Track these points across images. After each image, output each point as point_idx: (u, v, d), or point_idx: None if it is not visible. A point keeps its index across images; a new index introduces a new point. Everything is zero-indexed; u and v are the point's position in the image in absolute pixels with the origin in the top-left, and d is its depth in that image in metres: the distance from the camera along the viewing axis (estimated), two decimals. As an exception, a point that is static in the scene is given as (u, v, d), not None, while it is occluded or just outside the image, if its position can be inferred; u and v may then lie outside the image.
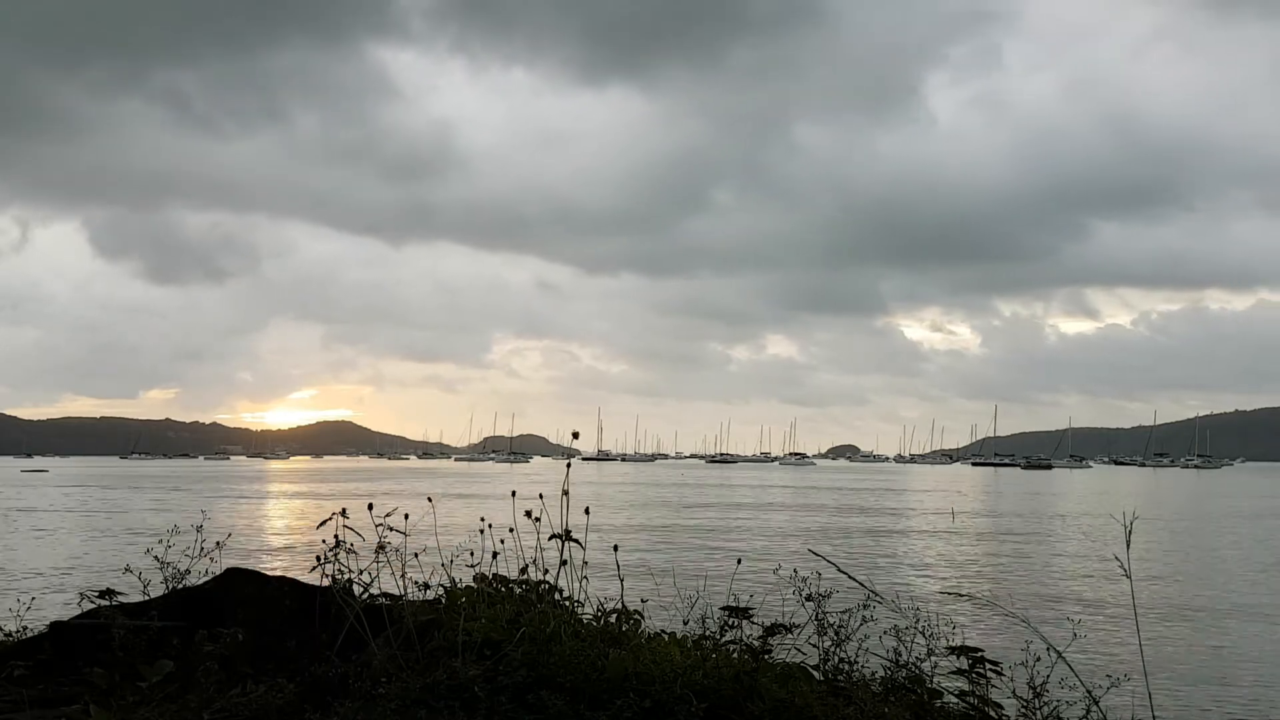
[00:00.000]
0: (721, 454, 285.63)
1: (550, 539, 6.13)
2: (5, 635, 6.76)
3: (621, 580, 6.26)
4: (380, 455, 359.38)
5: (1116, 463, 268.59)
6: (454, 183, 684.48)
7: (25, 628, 6.80)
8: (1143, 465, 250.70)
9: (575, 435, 10.83)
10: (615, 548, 6.43)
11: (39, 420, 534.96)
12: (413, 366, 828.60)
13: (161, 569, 7.09)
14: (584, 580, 6.18)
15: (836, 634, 6.24)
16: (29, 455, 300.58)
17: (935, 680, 6.04)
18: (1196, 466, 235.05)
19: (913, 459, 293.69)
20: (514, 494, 6.21)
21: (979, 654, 6.09)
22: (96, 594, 6.68)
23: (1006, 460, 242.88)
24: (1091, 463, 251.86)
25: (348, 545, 6.00)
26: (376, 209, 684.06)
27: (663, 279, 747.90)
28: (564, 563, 6.12)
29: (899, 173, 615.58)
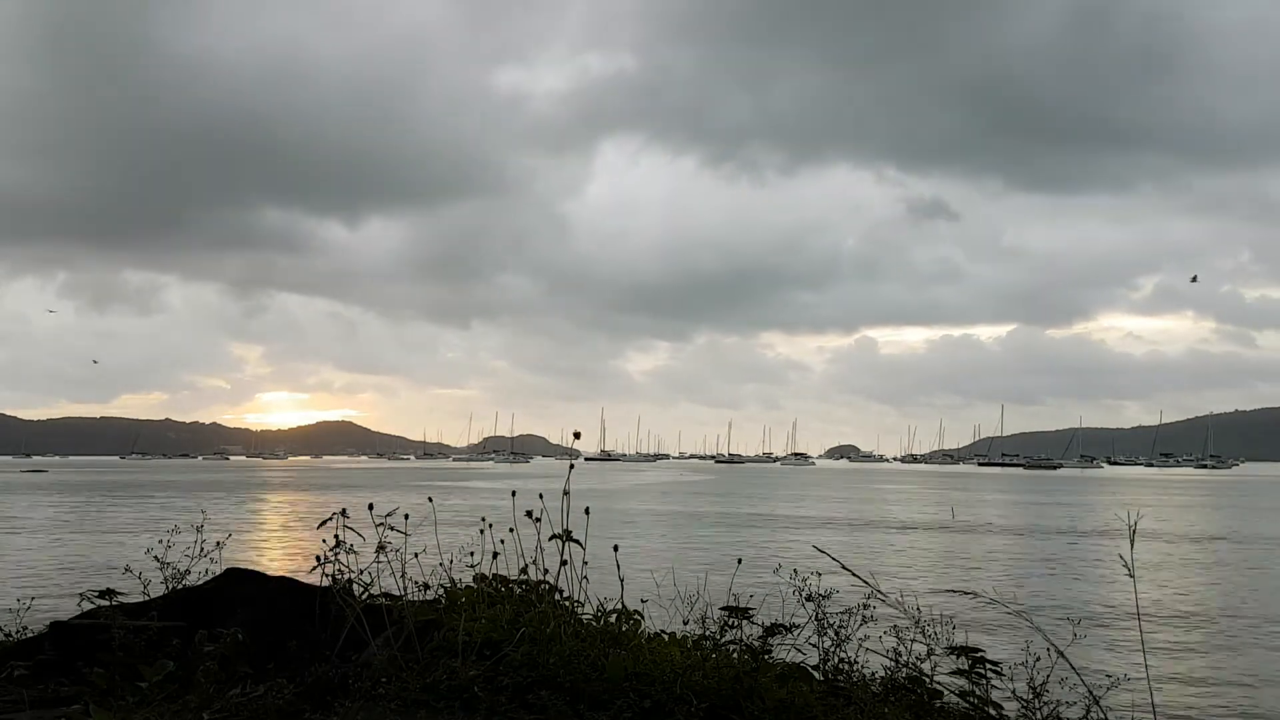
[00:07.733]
0: (730, 454, 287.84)
1: (550, 539, 6.13)
2: (5, 635, 6.76)
3: (622, 580, 6.25)
4: (380, 455, 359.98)
5: (1112, 463, 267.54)
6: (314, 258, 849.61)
7: (25, 628, 6.80)
8: (1149, 465, 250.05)
9: (577, 435, 10.78)
10: (615, 548, 6.43)
11: (39, 420, 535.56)
12: (358, 378, 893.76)
13: (161, 569, 7.09)
14: (584, 580, 6.19)
15: (836, 634, 6.24)
16: (28, 455, 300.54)
17: (935, 680, 6.03)
18: (1210, 467, 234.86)
19: (915, 459, 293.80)
20: (514, 494, 6.22)
21: (979, 654, 6.08)
22: (96, 594, 6.67)
23: (1010, 460, 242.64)
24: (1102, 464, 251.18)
25: (348, 545, 6.01)
26: (237, 272, 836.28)
27: (493, 322, 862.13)
28: (564, 563, 6.12)
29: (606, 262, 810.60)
